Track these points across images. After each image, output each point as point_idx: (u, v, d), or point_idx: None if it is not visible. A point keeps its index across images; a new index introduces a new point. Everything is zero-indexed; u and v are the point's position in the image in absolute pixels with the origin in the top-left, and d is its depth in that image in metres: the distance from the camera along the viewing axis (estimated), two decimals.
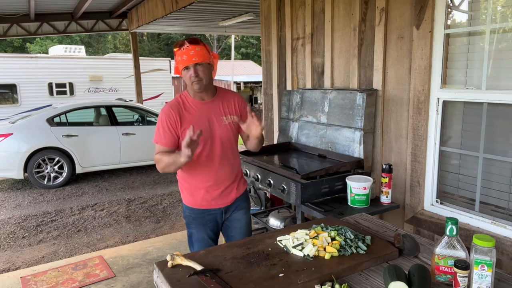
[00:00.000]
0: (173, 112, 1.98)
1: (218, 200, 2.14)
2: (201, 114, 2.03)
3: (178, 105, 2.01)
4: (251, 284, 1.33)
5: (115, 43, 28.95)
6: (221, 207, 2.16)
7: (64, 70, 11.85)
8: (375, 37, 2.90)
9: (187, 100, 2.05)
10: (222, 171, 2.11)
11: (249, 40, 29.33)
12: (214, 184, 2.10)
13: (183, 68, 1.94)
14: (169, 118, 1.97)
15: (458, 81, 2.51)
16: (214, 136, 2.04)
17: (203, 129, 1.93)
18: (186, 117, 2.00)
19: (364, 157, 2.88)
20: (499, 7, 2.28)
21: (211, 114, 2.05)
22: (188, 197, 2.16)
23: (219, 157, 2.07)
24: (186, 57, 1.89)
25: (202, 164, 2.05)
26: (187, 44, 1.90)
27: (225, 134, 2.07)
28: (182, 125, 1.98)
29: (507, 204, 2.32)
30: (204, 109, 2.04)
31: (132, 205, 5.48)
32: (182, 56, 1.91)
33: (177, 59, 1.95)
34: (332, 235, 1.62)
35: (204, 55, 1.93)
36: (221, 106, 2.08)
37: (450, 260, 1.33)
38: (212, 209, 2.15)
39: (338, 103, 3.09)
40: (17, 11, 8.09)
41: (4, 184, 6.79)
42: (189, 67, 1.91)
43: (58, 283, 3.22)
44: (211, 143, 2.04)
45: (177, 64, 1.98)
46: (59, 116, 6.65)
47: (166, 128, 1.98)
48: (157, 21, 7.60)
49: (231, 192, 2.17)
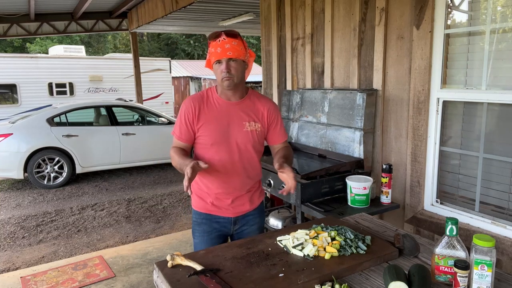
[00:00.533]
0: (193, 105, 1.85)
1: (228, 209, 1.96)
2: (222, 114, 1.86)
3: (201, 98, 1.87)
4: (251, 284, 1.33)
5: (115, 43, 28.95)
6: (230, 216, 1.98)
7: (64, 70, 11.85)
8: (375, 37, 2.90)
9: (213, 96, 1.89)
10: (235, 180, 1.92)
11: (249, 40, 29.32)
12: (224, 193, 1.93)
13: (215, 61, 1.79)
14: (188, 111, 1.84)
15: (458, 81, 2.51)
16: (230, 141, 1.86)
17: (220, 131, 1.84)
18: (205, 113, 1.85)
19: (364, 157, 2.88)
20: (499, 7, 2.28)
21: (233, 117, 1.87)
22: (197, 200, 2.00)
23: (234, 164, 1.89)
24: (220, 50, 1.74)
25: (214, 169, 1.87)
26: (224, 36, 1.75)
27: (243, 140, 1.88)
28: (199, 121, 1.84)
29: (507, 204, 2.32)
30: (227, 109, 1.87)
31: (132, 205, 5.48)
32: (216, 48, 1.76)
33: (210, 50, 1.80)
34: (332, 235, 1.62)
35: (240, 51, 1.77)
36: (247, 110, 1.90)
37: (450, 260, 1.33)
38: (220, 216, 1.97)
39: (338, 103, 3.09)
40: (17, 11, 8.09)
41: (4, 184, 6.79)
42: (222, 61, 1.76)
43: (58, 283, 3.22)
44: (226, 147, 1.86)
45: (209, 56, 1.82)
46: (59, 116, 6.64)
47: (183, 121, 1.85)
48: (157, 21, 7.60)
49: (244, 203, 1.99)
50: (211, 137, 1.85)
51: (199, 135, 1.87)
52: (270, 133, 1.97)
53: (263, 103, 1.95)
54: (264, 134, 1.96)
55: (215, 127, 1.83)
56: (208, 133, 1.84)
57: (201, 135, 1.86)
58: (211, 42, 1.78)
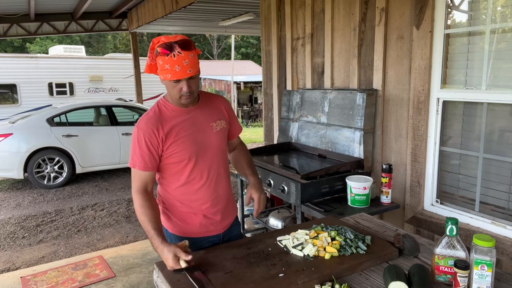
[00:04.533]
0: (153, 127, 1.61)
1: (217, 226, 1.80)
2: (188, 123, 1.68)
3: (157, 117, 1.64)
4: (251, 284, 1.33)
5: (115, 43, 28.95)
6: (220, 232, 1.82)
7: (64, 70, 11.86)
8: (375, 37, 2.90)
9: (168, 108, 1.68)
10: (219, 188, 1.79)
11: (249, 40, 29.33)
12: (212, 206, 1.76)
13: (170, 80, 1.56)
14: (149, 136, 1.60)
15: (458, 81, 2.51)
16: (207, 147, 1.71)
17: (193, 140, 1.67)
18: (170, 129, 1.64)
19: (364, 157, 2.88)
20: (499, 7, 2.28)
21: (200, 122, 1.71)
22: (180, 225, 1.76)
23: (215, 170, 1.75)
24: (179, 69, 1.51)
25: (196, 183, 1.71)
26: (178, 49, 1.50)
27: (217, 142, 1.76)
28: (167, 141, 1.63)
29: (507, 204, 2.32)
30: (190, 117, 1.69)
31: (132, 205, 5.47)
32: (173, 66, 1.51)
33: (162, 65, 1.54)
34: (332, 235, 1.62)
35: (197, 64, 1.58)
36: (208, 111, 1.76)
37: (450, 260, 1.33)
38: (210, 236, 1.79)
39: (338, 103, 3.09)
40: (17, 11, 8.09)
41: (4, 184, 6.79)
42: (181, 80, 1.55)
43: (58, 283, 3.22)
44: (205, 155, 1.70)
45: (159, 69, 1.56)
46: (59, 116, 6.65)
47: (144, 148, 1.60)
48: (157, 21, 7.60)
49: (229, 214, 1.87)
50: (186, 150, 1.66)
51: (170, 155, 1.65)
52: (231, 127, 1.88)
53: (217, 99, 1.85)
54: (227, 130, 1.85)
55: (186, 139, 1.65)
56: (182, 148, 1.65)
57: (172, 153, 1.65)
58: (163, 57, 1.52)
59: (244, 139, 2.16)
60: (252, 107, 20.46)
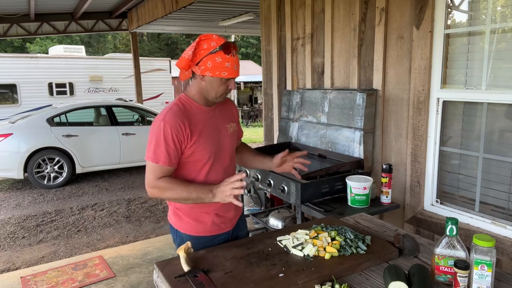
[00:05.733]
0: (181, 122, 1.60)
1: (227, 222, 1.84)
2: (208, 122, 1.71)
3: (184, 112, 1.64)
4: (251, 284, 1.33)
5: (115, 43, 28.95)
6: (229, 230, 1.86)
7: (64, 70, 11.85)
8: (375, 37, 2.90)
9: (191, 105, 1.68)
10: None
11: (249, 40, 29.32)
12: (224, 204, 1.76)
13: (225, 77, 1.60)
14: (177, 130, 1.58)
15: (458, 81, 2.51)
16: (223, 147, 1.76)
17: (213, 140, 1.70)
18: (195, 126, 1.65)
19: (364, 157, 2.88)
20: (499, 7, 2.28)
21: (218, 122, 1.75)
22: (192, 224, 1.77)
23: (228, 169, 1.80)
24: (236, 68, 1.61)
25: (212, 182, 1.70)
26: (235, 51, 1.60)
27: (231, 143, 1.81)
28: (192, 137, 1.63)
29: (507, 204, 2.32)
30: (211, 116, 1.73)
31: (132, 205, 5.48)
32: (233, 64, 1.59)
33: (221, 63, 1.57)
34: (332, 235, 1.62)
35: None
36: (224, 112, 1.81)
37: (450, 260, 1.33)
38: (220, 234, 1.81)
39: (338, 103, 3.09)
40: (17, 11, 8.09)
41: (4, 184, 6.79)
42: (232, 79, 1.63)
43: (58, 283, 3.22)
44: (220, 155, 1.75)
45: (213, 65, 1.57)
46: (59, 116, 6.64)
47: (171, 143, 1.58)
48: (157, 21, 7.60)
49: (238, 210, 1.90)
50: (207, 150, 1.67)
51: (192, 153, 1.65)
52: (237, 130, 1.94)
53: (229, 102, 1.90)
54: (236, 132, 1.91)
55: (209, 139, 1.68)
56: (203, 147, 1.66)
57: (194, 151, 1.65)
58: (226, 56, 1.57)
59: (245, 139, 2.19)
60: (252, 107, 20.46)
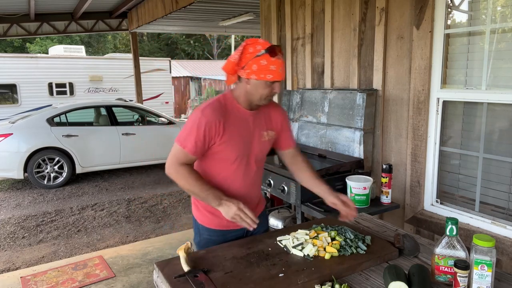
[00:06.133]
0: (218, 120, 1.63)
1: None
2: (244, 125, 1.72)
3: (223, 111, 1.66)
4: (251, 284, 1.33)
5: (115, 43, 28.95)
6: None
7: (64, 70, 11.86)
8: (375, 37, 2.90)
9: (233, 105, 1.70)
10: (253, 190, 1.86)
11: None
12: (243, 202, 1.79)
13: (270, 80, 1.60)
14: (210, 126, 1.62)
15: (458, 81, 2.51)
16: (252, 152, 1.76)
17: (244, 144, 1.72)
18: (229, 127, 1.67)
19: (364, 157, 2.88)
20: (499, 7, 2.28)
21: (255, 127, 1.75)
22: (209, 217, 1.81)
23: (253, 174, 1.81)
24: (281, 71, 1.61)
25: (234, 182, 1.76)
26: (280, 54, 1.61)
27: (262, 151, 1.81)
28: (224, 136, 1.65)
29: (507, 204, 2.32)
30: (249, 120, 1.73)
31: (132, 205, 5.48)
32: (278, 67, 1.59)
33: (267, 66, 1.57)
34: (332, 235, 1.62)
35: None
36: (264, 119, 1.79)
37: (450, 260, 1.33)
38: (235, 229, 1.83)
39: (338, 103, 3.09)
40: (17, 11, 8.09)
41: (4, 184, 6.79)
42: (277, 82, 1.63)
43: (58, 283, 3.22)
44: (248, 159, 1.76)
45: (258, 68, 1.58)
46: (59, 116, 6.65)
47: (201, 135, 1.62)
48: (157, 21, 7.60)
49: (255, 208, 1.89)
50: (235, 151, 1.70)
51: (220, 150, 1.69)
52: (281, 138, 1.89)
53: (276, 108, 1.87)
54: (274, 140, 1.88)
55: (239, 140, 1.69)
56: (231, 148, 1.69)
57: (222, 150, 1.68)
58: (270, 58, 1.57)
59: None
60: None
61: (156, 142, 7.17)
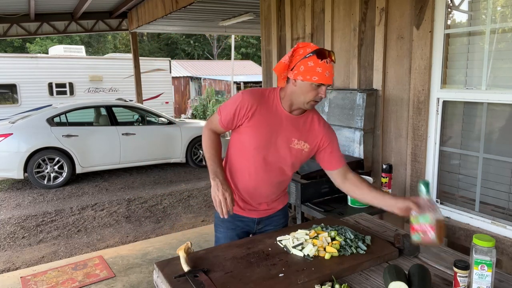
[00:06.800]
0: (251, 103, 1.68)
1: (252, 210, 1.90)
2: (276, 121, 1.72)
3: (261, 98, 1.72)
4: (251, 284, 1.33)
5: (115, 43, 28.97)
6: (255, 217, 1.92)
7: (64, 70, 11.86)
8: (375, 37, 2.90)
9: (274, 100, 1.73)
10: (263, 190, 1.85)
11: (249, 40, 29.34)
12: (250, 198, 1.87)
13: (316, 83, 1.59)
14: (243, 105, 1.68)
15: (458, 81, 2.51)
16: (271, 151, 1.75)
17: (267, 137, 1.72)
18: (260, 115, 1.70)
19: (364, 157, 2.88)
20: (499, 7, 2.28)
21: (285, 129, 1.73)
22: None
23: (267, 175, 1.80)
24: (329, 74, 1.59)
25: (246, 173, 1.80)
26: (331, 58, 1.60)
27: (284, 156, 1.77)
28: (251, 121, 1.70)
29: (507, 204, 2.32)
30: (281, 119, 1.72)
31: (132, 205, 5.48)
32: (325, 70, 1.57)
33: (313, 68, 1.57)
34: (332, 235, 1.62)
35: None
36: (302, 128, 1.76)
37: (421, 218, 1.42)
38: (244, 216, 1.91)
39: (338, 103, 3.09)
40: (17, 11, 8.09)
41: (4, 184, 6.79)
42: (323, 85, 1.61)
43: (58, 283, 3.22)
44: (267, 158, 1.76)
45: (305, 69, 1.58)
46: (59, 116, 6.64)
47: (232, 111, 1.70)
48: (157, 21, 7.60)
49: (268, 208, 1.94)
50: (256, 140, 1.72)
51: (244, 132, 1.74)
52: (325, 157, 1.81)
53: (322, 126, 1.80)
54: (309, 156, 1.83)
55: (263, 132, 1.71)
56: (253, 135, 1.71)
57: (246, 133, 1.73)
58: (319, 61, 1.57)
59: None
60: None
61: (156, 142, 7.17)
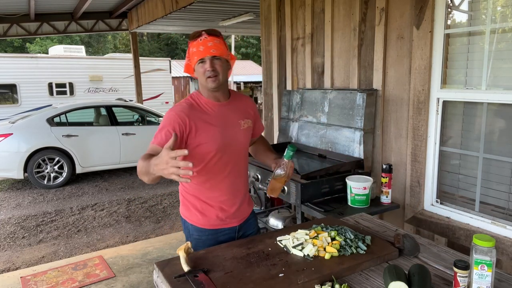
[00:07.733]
0: (185, 115, 1.66)
1: (233, 218, 1.86)
2: (217, 117, 1.75)
3: (190, 108, 1.71)
4: (251, 284, 1.33)
5: (115, 43, 28.96)
6: (235, 225, 1.88)
7: (64, 70, 11.86)
8: (375, 37, 2.90)
9: (201, 101, 1.75)
10: (238, 182, 1.86)
11: (249, 40, 29.32)
12: (229, 199, 1.83)
13: (197, 61, 1.66)
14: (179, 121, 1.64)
15: (458, 81, 2.51)
16: (234, 142, 1.79)
17: (221, 134, 1.73)
18: (200, 121, 1.69)
19: (364, 157, 2.88)
20: (499, 7, 2.28)
21: (229, 117, 1.78)
22: (197, 216, 1.83)
23: (237, 165, 1.83)
24: (203, 48, 1.63)
25: (218, 175, 1.78)
26: (205, 34, 1.65)
27: (243, 139, 1.84)
28: (198, 130, 1.68)
29: (507, 204, 2.32)
30: (222, 111, 1.77)
31: (132, 205, 5.48)
32: (198, 47, 1.64)
33: (191, 51, 1.67)
34: (332, 235, 1.62)
35: (223, 50, 1.67)
36: (238, 109, 1.84)
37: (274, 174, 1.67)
38: (226, 228, 1.86)
39: (338, 103, 3.09)
40: (17, 11, 8.09)
41: (4, 184, 6.79)
42: (205, 59, 1.64)
43: (58, 283, 3.22)
44: (231, 150, 1.77)
45: (190, 58, 1.69)
46: (59, 116, 6.65)
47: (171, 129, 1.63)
48: (157, 21, 7.60)
49: (245, 207, 1.93)
50: (213, 142, 1.71)
51: (198, 145, 1.69)
52: (255, 127, 1.99)
53: (246, 100, 1.96)
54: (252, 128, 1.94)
55: (215, 132, 1.71)
56: (208, 139, 1.70)
57: (200, 143, 1.69)
58: (192, 42, 1.68)
59: None
60: None
61: None
